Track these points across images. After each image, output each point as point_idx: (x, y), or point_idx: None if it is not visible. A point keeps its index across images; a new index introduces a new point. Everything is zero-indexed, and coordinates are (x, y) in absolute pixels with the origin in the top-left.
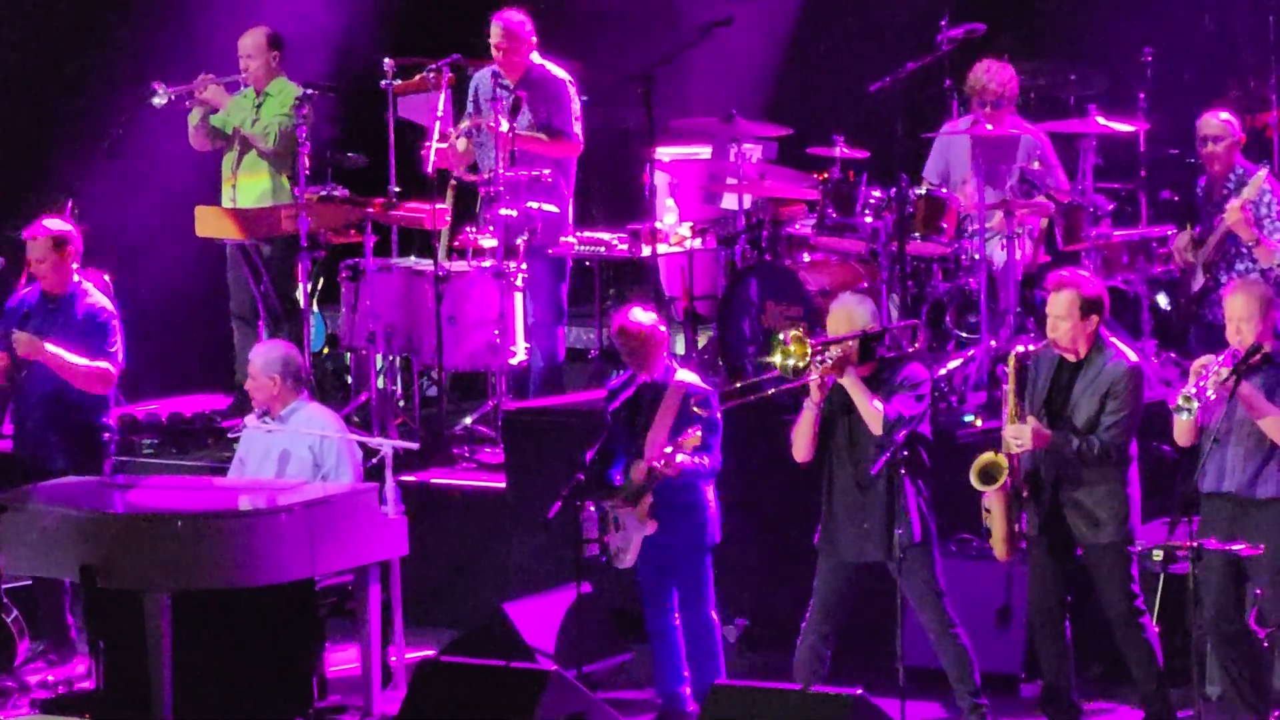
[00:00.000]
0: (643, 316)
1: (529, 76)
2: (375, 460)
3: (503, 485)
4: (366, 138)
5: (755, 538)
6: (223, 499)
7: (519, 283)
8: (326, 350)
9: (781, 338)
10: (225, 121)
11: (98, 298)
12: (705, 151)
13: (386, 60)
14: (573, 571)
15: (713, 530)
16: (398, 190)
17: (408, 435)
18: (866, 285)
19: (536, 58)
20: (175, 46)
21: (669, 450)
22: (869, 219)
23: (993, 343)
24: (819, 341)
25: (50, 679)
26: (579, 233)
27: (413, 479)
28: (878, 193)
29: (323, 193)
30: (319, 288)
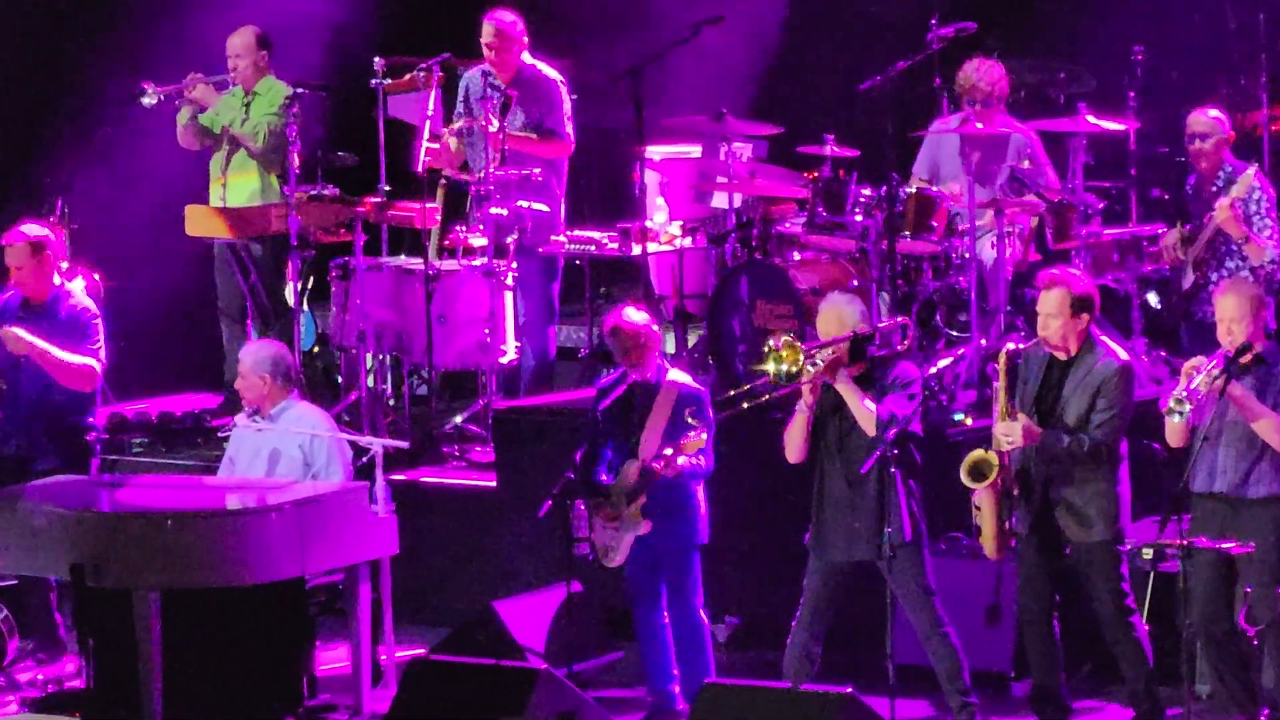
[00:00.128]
0: (636, 316)
1: (521, 76)
2: (365, 459)
3: (493, 484)
4: (356, 137)
5: (745, 536)
6: (213, 498)
7: (509, 281)
8: (317, 349)
9: (772, 344)
10: (214, 121)
11: (79, 298)
12: (695, 150)
13: (377, 59)
14: (563, 570)
15: (702, 529)
16: (388, 189)
17: (398, 434)
18: (857, 284)
19: (528, 57)
20: (165, 46)
21: (669, 452)
22: (859, 217)
23: (983, 341)
24: (810, 346)
25: (40, 678)
26: (569, 231)
27: (403, 478)
28: (868, 191)
29: (313, 192)
30: (309, 287)
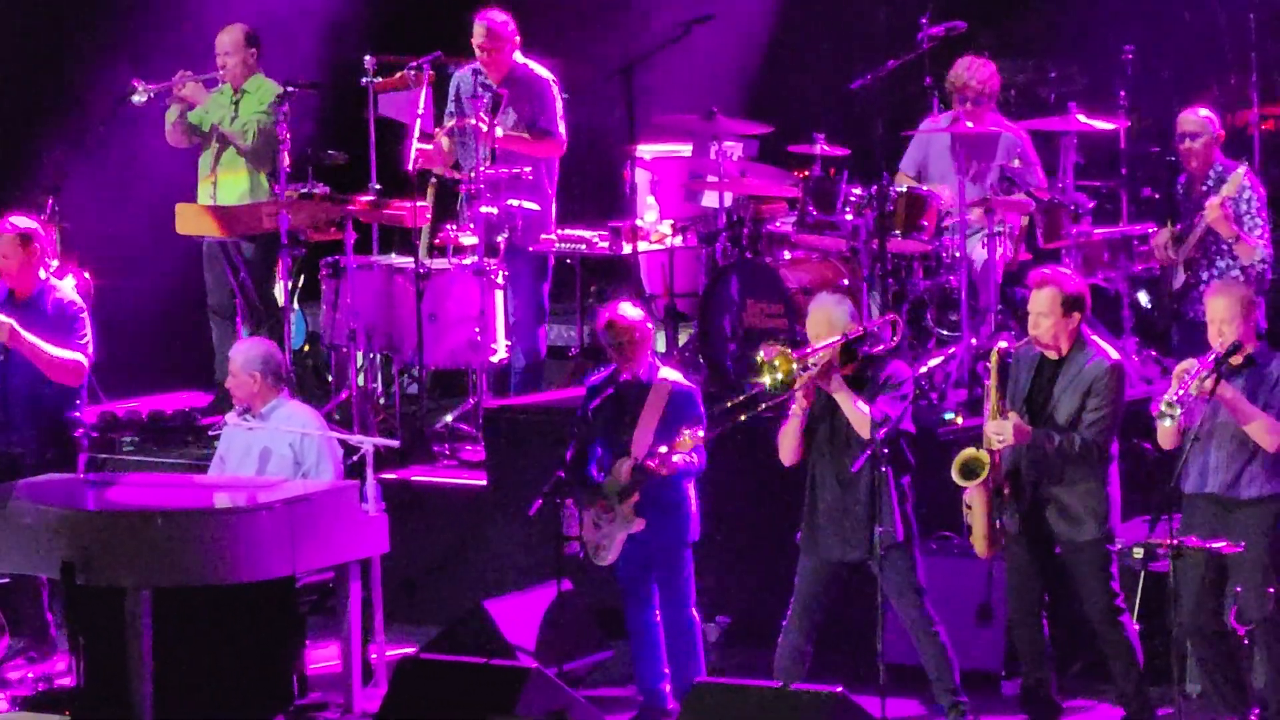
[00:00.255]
0: (631, 311)
1: (513, 76)
2: (356, 458)
3: (483, 483)
4: (347, 135)
5: (737, 536)
6: (203, 496)
7: (500, 280)
8: (307, 348)
9: (763, 356)
10: (203, 119)
11: (65, 292)
12: (686, 149)
13: (367, 57)
14: (553, 569)
15: (693, 528)
16: (378, 188)
17: (388, 433)
18: (847, 283)
19: (519, 57)
20: (157, 44)
21: (663, 450)
22: (850, 216)
23: (973, 340)
24: (802, 352)
25: (30, 676)
26: (560, 230)
27: (393, 476)
28: (858, 190)
29: (303, 190)
30: (300, 285)
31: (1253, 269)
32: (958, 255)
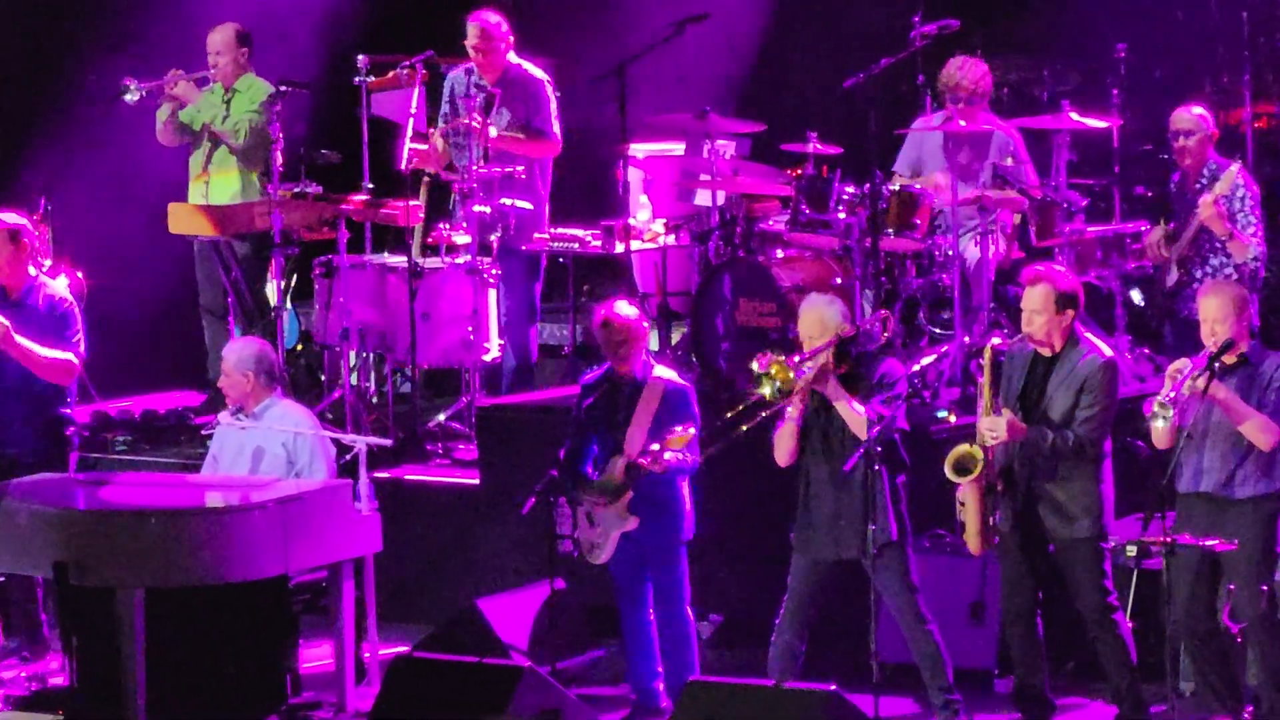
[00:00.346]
0: (627, 310)
1: (506, 76)
2: (349, 457)
3: (476, 481)
4: (340, 134)
5: (730, 534)
6: (196, 496)
7: (493, 279)
8: (300, 347)
9: (758, 367)
10: (194, 118)
11: (55, 288)
12: (679, 148)
13: (360, 57)
14: (546, 567)
15: (687, 526)
16: (371, 187)
17: (381, 432)
18: (840, 281)
19: (513, 57)
20: (150, 42)
21: (656, 447)
22: (842, 215)
23: (966, 339)
24: (796, 358)
25: (23, 676)
26: (552, 229)
27: (386, 475)
28: (851, 189)
29: (296, 189)
30: (293, 284)
31: (1246, 267)
32: (950, 254)
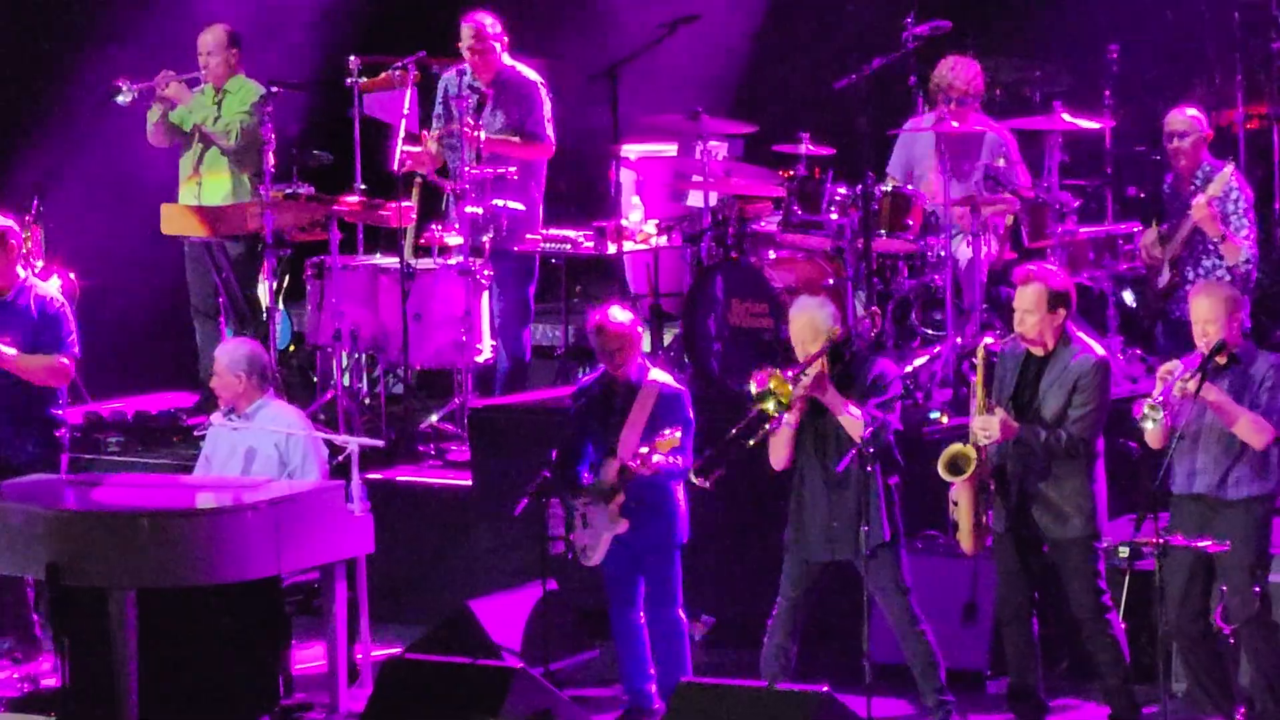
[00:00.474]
0: (621, 315)
1: (500, 78)
2: (341, 458)
3: (469, 483)
4: (332, 135)
5: (722, 536)
6: (188, 497)
7: (485, 280)
8: (293, 348)
9: (756, 385)
10: (185, 119)
11: (45, 289)
12: (671, 149)
13: (352, 58)
14: (539, 569)
15: (681, 529)
16: (363, 188)
17: (374, 433)
18: (832, 282)
19: (508, 59)
20: (142, 43)
21: (645, 450)
22: (835, 216)
23: (958, 339)
24: (791, 370)
25: (15, 676)
26: (545, 230)
27: (379, 476)
28: (843, 190)
29: (288, 190)
30: (285, 285)
31: (1238, 269)
32: (943, 254)
